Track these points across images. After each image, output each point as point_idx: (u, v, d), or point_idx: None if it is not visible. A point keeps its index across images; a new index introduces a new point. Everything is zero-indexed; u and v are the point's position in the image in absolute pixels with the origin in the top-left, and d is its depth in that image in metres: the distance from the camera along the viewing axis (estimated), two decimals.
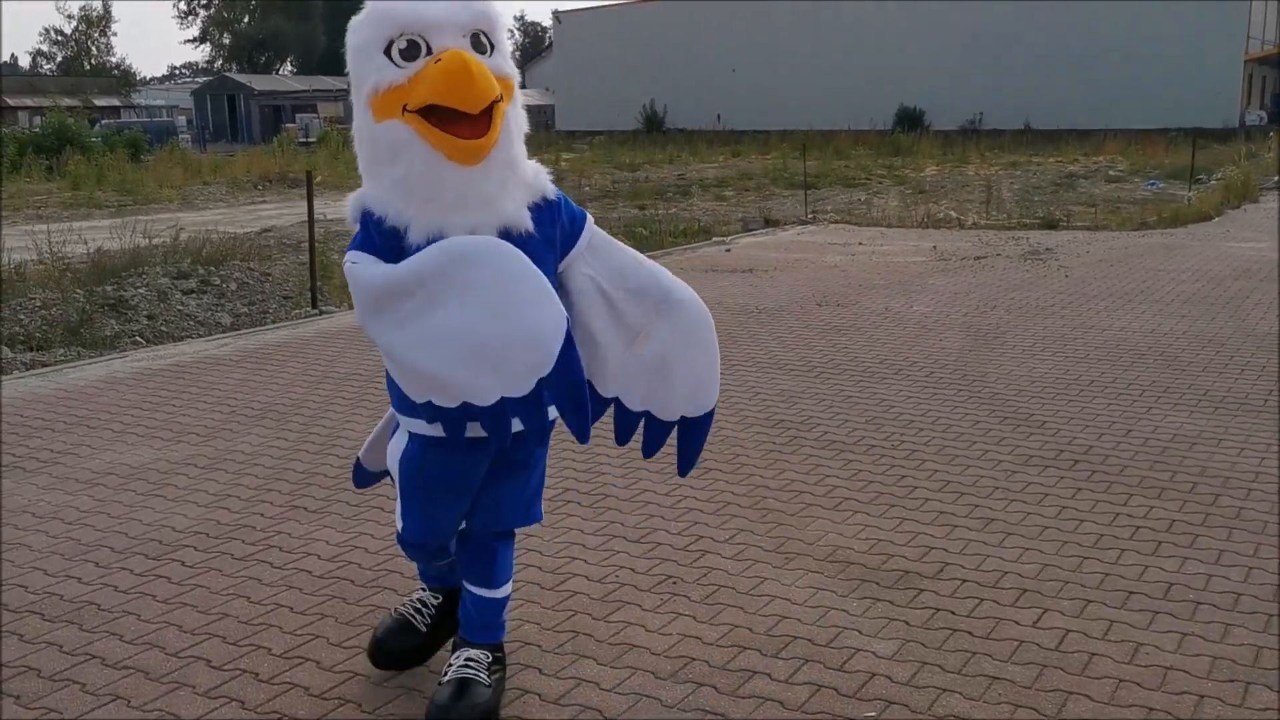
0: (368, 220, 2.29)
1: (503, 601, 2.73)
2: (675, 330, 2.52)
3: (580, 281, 2.48)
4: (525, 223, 2.30)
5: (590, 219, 2.53)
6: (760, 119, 49.72)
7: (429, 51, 2.19)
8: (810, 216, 15.13)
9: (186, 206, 21.54)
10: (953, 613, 3.18)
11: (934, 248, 11.71)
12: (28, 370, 7.00)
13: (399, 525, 2.67)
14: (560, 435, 3.93)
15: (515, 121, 2.30)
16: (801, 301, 8.55)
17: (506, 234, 2.25)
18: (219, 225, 15.94)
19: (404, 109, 2.20)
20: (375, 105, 2.23)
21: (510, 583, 2.75)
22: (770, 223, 14.63)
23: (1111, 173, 24.15)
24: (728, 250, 11.98)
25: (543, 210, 2.37)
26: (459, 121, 2.16)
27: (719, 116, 52.22)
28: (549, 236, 2.38)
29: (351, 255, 2.27)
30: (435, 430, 2.39)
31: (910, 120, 46.21)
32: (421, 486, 2.56)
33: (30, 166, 28.60)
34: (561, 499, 4.20)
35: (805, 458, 4.65)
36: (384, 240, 2.26)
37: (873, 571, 3.48)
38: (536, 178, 2.39)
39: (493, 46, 2.27)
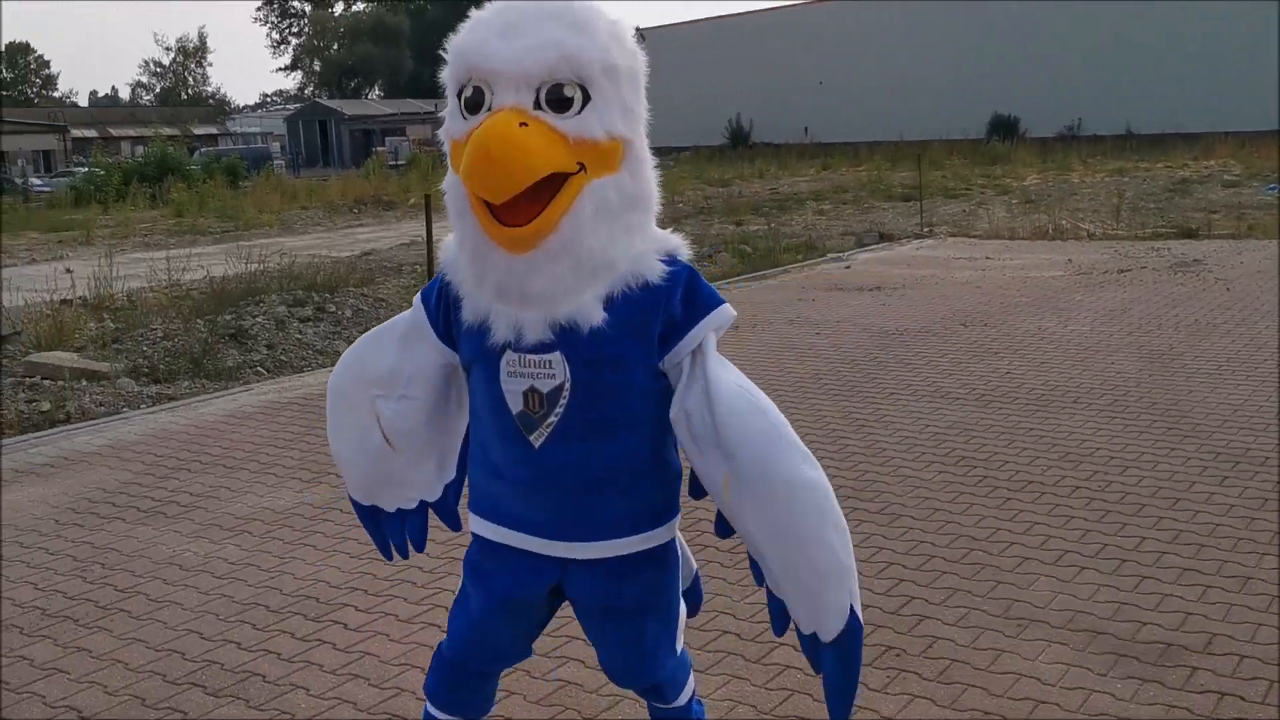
0: (441, 274, 2.00)
1: (686, 711, 2.27)
2: (758, 517, 1.84)
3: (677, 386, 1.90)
4: (592, 316, 1.79)
5: (720, 315, 1.90)
6: (848, 131, 48.98)
7: (490, 107, 1.74)
8: (926, 230, 14.58)
9: (286, 231, 21.73)
10: (1242, 698, 2.72)
11: (1069, 261, 11.12)
12: (155, 404, 6.86)
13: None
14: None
15: (605, 198, 1.75)
16: (943, 322, 8.07)
17: (563, 330, 1.80)
18: (319, 250, 15.96)
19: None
20: (452, 151, 1.83)
21: (688, 687, 2.27)
22: (885, 237, 14.13)
23: (1226, 177, 23.10)
24: (847, 267, 11.53)
25: (637, 296, 1.82)
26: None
27: (806, 129, 51.61)
28: (638, 324, 1.83)
29: (418, 299, 2.06)
30: (485, 530, 2.03)
31: (1004, 128, 45.08)
32: (469, 594, 2.12)
33: (135, 195, 29.25)
34: (742, 549, 3.82)
35: (1003, 501, 4.21)
36: (438, 304, 2.00)
37: (1127, 644, 3.03)
38: (638, 261, 1.82)
39: (586, 100, 1.72)
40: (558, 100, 1.70)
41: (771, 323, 8.36)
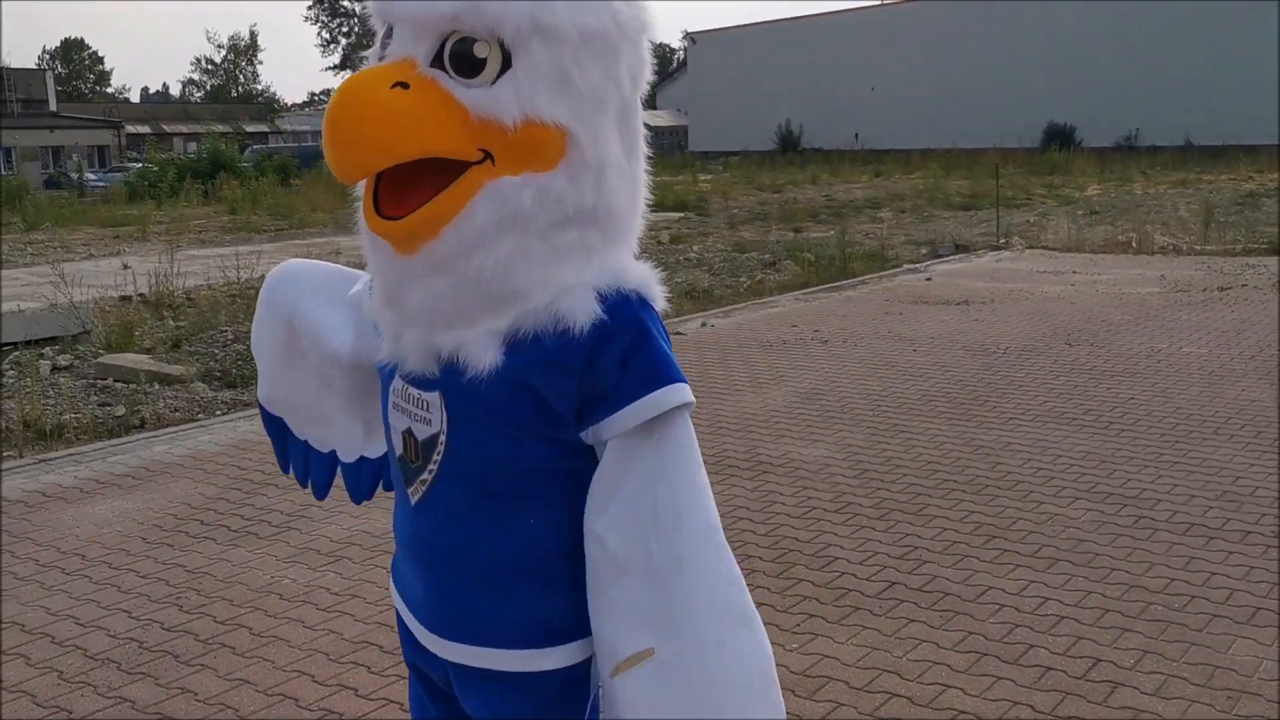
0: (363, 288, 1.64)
1: None
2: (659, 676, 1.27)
3: (627, 466, 1.31)
4: (480, 356, 1.28)
5: (668, 396, 1.27)
6: (900, 137, 48.45)
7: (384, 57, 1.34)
8: (1001, 242, 14.15)
9: (340, 230, 21.56)
10: None
11: (1162, 277, 10.67)
12: (231, 411, 6.64)
13: None
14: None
15: (514, 205, 1.25)
16: (1045, 340, 7.69)
17: (448, 366, 1.31)
18: None
19: None
20: None
21: None
22: (960, 248, 13.72)
23: None
24: (928, 279, 11.15)
25: (551, 342, 1.27)
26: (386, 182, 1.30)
27: (857, 135, 51.08)
28: (545, 379, 1.28)
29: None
30: (391, 579, 1.64)
31: (1060, 137, 44.34)
32: None
33: (188, 191, 29.35)
34: (890, 594, 3.51)
35: (1168, 547, 3.85)
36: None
37: None
38: (563, 295, 1.28)
39: (505, 66, 1.23)
40: (465, 60, 1.22)
41: (862, 337, 8.01)
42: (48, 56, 79.12)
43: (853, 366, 7.01)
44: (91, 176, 37.55)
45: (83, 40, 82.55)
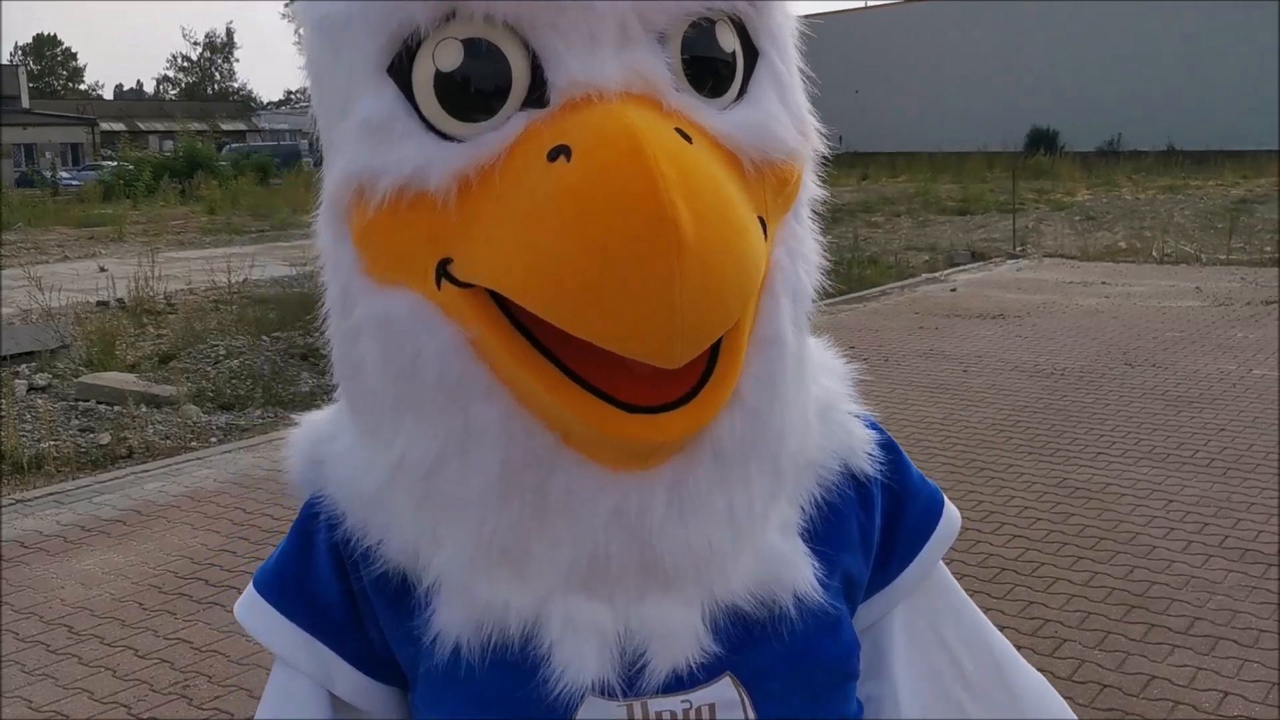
0: (312, 524, 0.88)
1: None
2: None
3: (914, 633, 0.97)
4: (798, 572, 0.80)
5: (950, 522, 0.97)
6: (885, 140, 48.04)
7: (542, 99, 0.70)
8: (1019, 250, 13.68)
9: None
10: None
11: (1198, 289, 10.22)
12: (227, 438, 6.05)
13: None
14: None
15: (796, 292, 0.79)
16: (1103, 360, 7.19)
17: (737, 623, 0.79)
18: None
19: (441, 268, 0.72)
20: (358, 234, 0.75)
21: None
22: (976, 255, 13.25)
23: None
24: (953, 290, 10.65)
25: (837, 507, 0.87)
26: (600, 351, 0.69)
27: (840, 138, 50.67)
28: (846, 562, 0.88)
29: (241, 610, 0.91)
30: None
31: (1044, 141, 44.07)
32: None
33: (165, 190, 28.59)
34: None
35: None
36: (341, 598, 0.86)
37: None
38: (831, 430, 0.88)
39: (751, 64, 0.76)
40: (710, 66, 0.73)
41: (903, 356, 7.49)
42: (19, 52, 77.74)
43: (903, 390, 6.49)
44: (65, 175, 36.64)
45: (55, 36, 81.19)
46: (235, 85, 76.54)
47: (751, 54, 0.75)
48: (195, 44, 75.84)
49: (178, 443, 5.94)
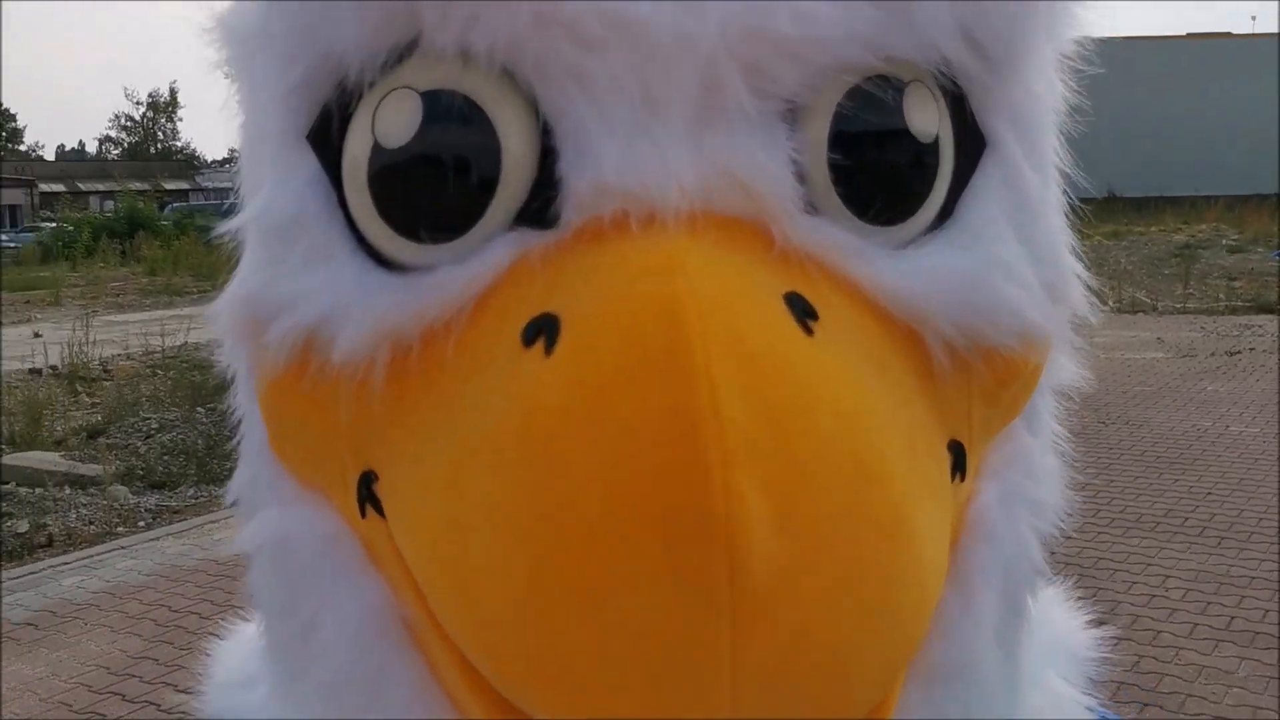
0: None
1: None
2: None
3: None
4: None
5: None
6: None
7: (533, 210, 0.40)
8: None
9: None
10: None
11: (1159, 339, 10.13)
12: (156, 522, 5.63)
13: None
14: None
15: (1029, 556, 0.46)
16: (1075, 415, 6.97)
17: None
18: None
19: (365, 484, 0.43)
20: (259, 390, 0.46)
21: None
22: None
23: (1226, 242, 22.42)
24: None
25: None
26: None
27: None
28: None
29: None
30: None
31: None
32: None
33: (104, 251, 28.00)
34: None
35: None
36: None
37: None
38: None
39: (964, 170, 0.43)
40: (876, 167, 0.40)
41: None
42: None
43: None
44: (3, 238, 35.81)
45: None
46: (179, 144, 75.84)
47: (972, 144, 0.43)
48: (138, 103, 75.18)
49: (102, 528, 5.52)
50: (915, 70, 0.40)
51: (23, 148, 78.21)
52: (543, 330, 0.35)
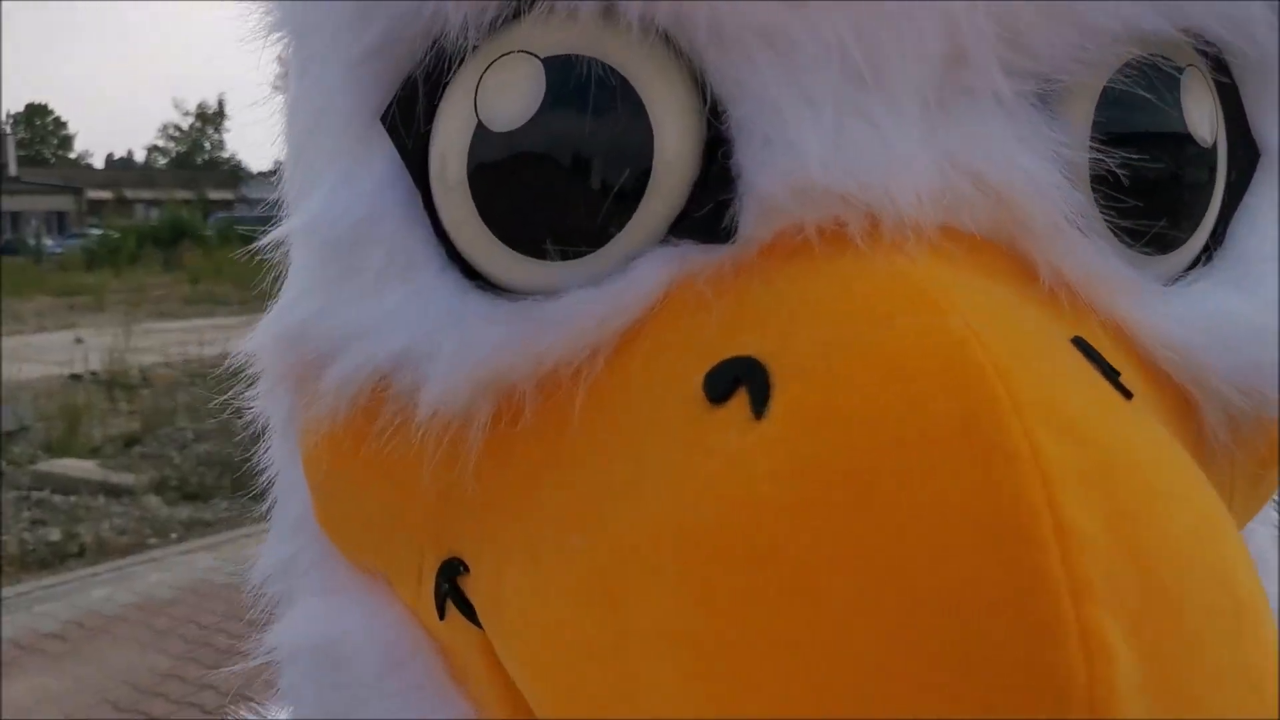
0: None
1: None
2: None
3: None
4: None
5: None
6: None
7: (694, 219, 0.31)
8: None
9: None
10: None
11: None
12: (188, 534, 5.61)
13: None
14: None
15: None
16: None
17: None
18: None
19: (446, 575, 0.34)
20: (304, 448, 0.38)
21: None
22: None
23: None
24: None
25: None
26: None
27: None
28: None
29: None
30: None
31: None
32: None
33: (148, 258, 28.38)
34: None
35: None
36: None
37: None
38: None
39: (1238, 186, 0.34)
40: (1147, 170, 0.30)
41: None
42: (10, 121, 78.16)
43: None
44: (50, 243, 36.42)
45: (46, 105, 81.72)
46: (225, 155, 76.87)
47: (1245, 153, 0.34)
48: (186, 114, 76.38)
49: (134, 539, 5.50)
50: (1188, 54, 0.30)
51: (72, 155, 79.69)
52: (740, 382, 0.25)
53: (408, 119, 0.32)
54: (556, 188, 0.29)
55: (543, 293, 0.30)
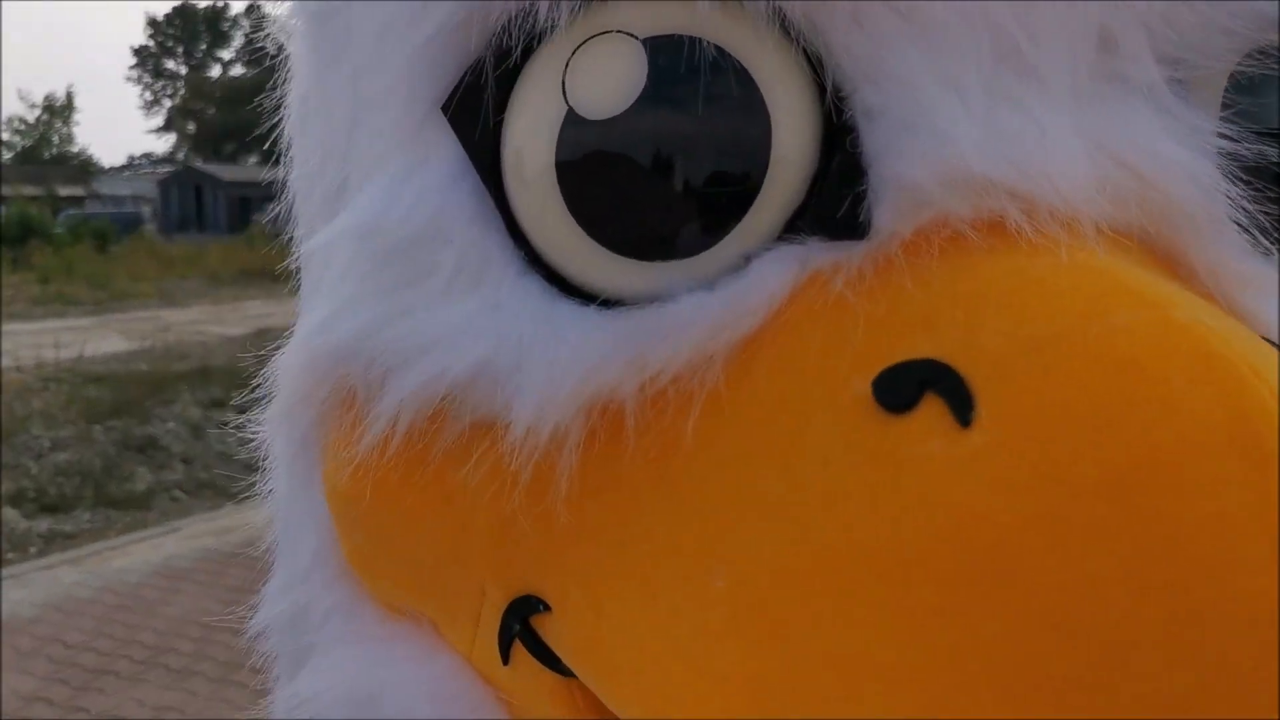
0: None
1: None
2: None
3: None
4: None
5: None
6: None
7: (820, 213, 0.29)
8: None
9: (167, 303, 19.83)
10: None
11: None
12: (49, 548, 5.33)
13: None
14: None
15: None
16: None
17: None
18: (206, 324, 14.34)
19: (517, 614, 0.31)
20: (338, 483, 0.35)
21: None
22: None
23: None
24: None
25: None
26: None
27: None
28: None
29: None
30: None
31: None
32: None
33: None
34: None
35: None
36: None
37: None
38: None
39: None
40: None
41: None
42: None
43: None
44: None
45: None
46: (74, 149, 73.34)
47: None
48: (33, 105, 72.64)
49: None
50: None
51: None
52: (925, 386, 0.22)
53: (474, 109, 0.29)
54: (661, 181, 0.27)
55: (644, 298, 0.28)
